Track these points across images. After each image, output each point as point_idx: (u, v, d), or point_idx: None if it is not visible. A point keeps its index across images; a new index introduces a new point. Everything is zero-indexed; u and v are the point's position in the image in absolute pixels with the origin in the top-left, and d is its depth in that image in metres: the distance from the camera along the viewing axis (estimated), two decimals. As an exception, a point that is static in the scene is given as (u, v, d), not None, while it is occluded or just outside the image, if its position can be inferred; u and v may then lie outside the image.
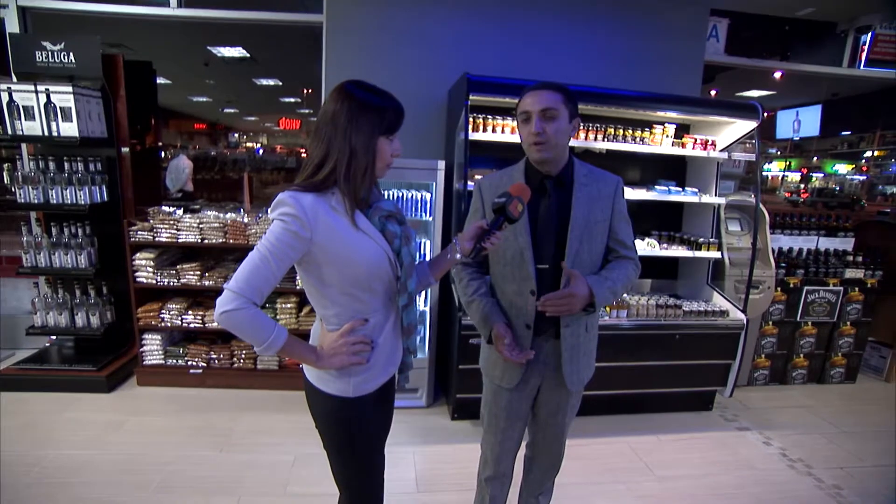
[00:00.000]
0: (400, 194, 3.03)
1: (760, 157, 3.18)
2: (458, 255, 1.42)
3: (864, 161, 13.10)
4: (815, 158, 14.52)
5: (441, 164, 2.97)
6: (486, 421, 1.79)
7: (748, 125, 3.12)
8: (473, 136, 2.87)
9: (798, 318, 3.80)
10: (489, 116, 2.93)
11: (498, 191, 1.47)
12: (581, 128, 3.01)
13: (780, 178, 14.51)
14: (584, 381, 1.69)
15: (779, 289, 3.69)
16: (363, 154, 1.20)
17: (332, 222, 1.20)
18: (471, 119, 2.87)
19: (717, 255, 3.24)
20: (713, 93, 7.61)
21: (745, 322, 3.13)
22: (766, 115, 3.15)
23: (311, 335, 1.44)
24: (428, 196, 3.05)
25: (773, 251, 3.71)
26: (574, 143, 2.99)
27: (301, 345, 1.28)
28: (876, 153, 12.67)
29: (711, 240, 3.25)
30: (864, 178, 13.17)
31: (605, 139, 3.04)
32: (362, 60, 3.40)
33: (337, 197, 1.22)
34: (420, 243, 3.12)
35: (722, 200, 3.29)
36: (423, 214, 3.06)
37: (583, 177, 1.59)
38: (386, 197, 1.40)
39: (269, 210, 1.24)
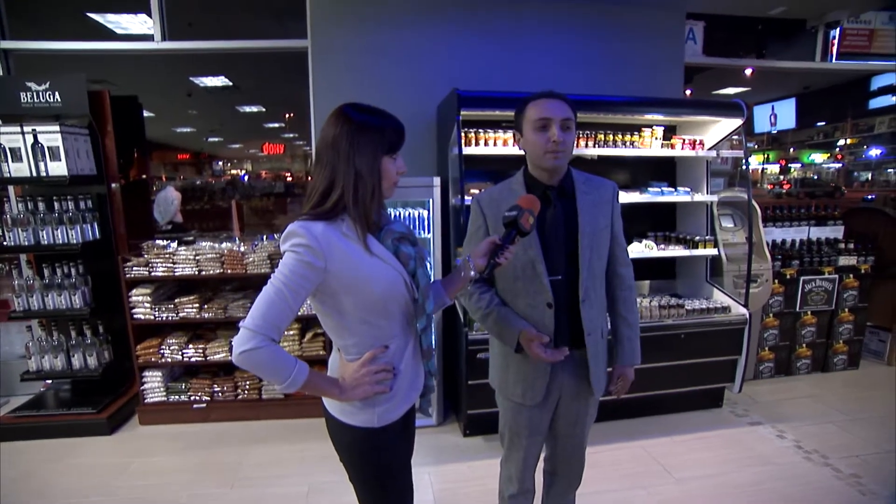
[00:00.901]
0: (396, 213, 3.01)
1: (748, 153, 3.22)
2: (473, 273, 1.40)
3: (838, 149, 13.40)
4: (791, 150, 14.82)
5: (437, 181, 2.96)
6: (507, 440, 1.76)
7: (733, 123, 3.16)
8: (466, 150, 2.86)
9: (797, 309, 3.82)
10: (480, 130, 2.93)
11: (500, 205, 1.46)
12: (573, 135, 3.03)
13: (759, 170, 14.76)
14: (605, 386, 1.68)
15: (776, 281, 3.72)
16: (368, 176, 1.18)
17: (345, 249, 1.17)
18: (462, 134, 2.86)
19: (714, 251, 3.26)
20: (688, 93, 7.75)
21: (747, 316, 3.14)
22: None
23: (328, 367, 1.40)
24: (425, 213, 3.03)
25: (768, 244, 3.74)
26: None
27: (323, 379, 1.24)
28: (849, 141, 12.97)
29: (707, 237, 3.27)
30: (840, 165, 13.45)
31: (596, 145, 3.06)
32: (349, 82, 3.41)
33: (347, 223, 1.19)
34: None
35: (714, 198, 3.32)
36: (422, 232, 3.04)
37: (582, 184, 1.59)
38: (392, 217, 1.37)
39: (279, 242, 1.20)
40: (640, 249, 3.17)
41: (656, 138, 3.16)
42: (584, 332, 1.56)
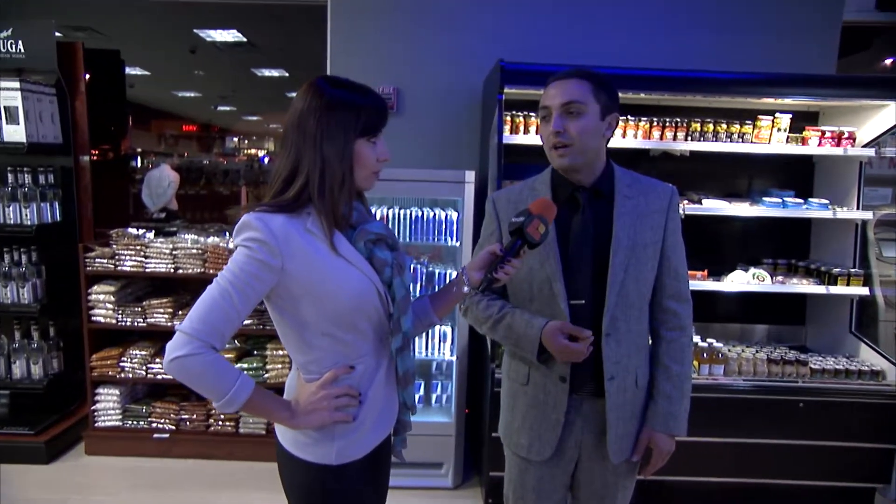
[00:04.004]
0: (419, 213, 3.15)
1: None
2: (466, 288, 1.48)
3: None
4: None
5: (470, 176, 3.07)
6: None
7: (907, 107, 3.04)
8: (511, 139, 2.94)
9: None
10: (531, 114, 3.01)
11: (518, 207, 1.53)
12: (655, 124, 3.06)
13: None
14: (631, 453, 1.70)
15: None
16: (337, 161, 1.30)
17: (306, 248, 1.28)
18: (508, 118, 2.95)
19: (864, 291, 3.13)
20: (889, 62, 7.22)
21: (910, 388, 2.98)
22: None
23: (285, 389, 1.50)
24: (455, 215, 3.15)
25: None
26: (647, 144, 3.04)
27: (271, 398, 1.35)
28: None
29: (854, 270, 3.15)
30: None
31: (689, 137, 3.05)
32: (375, 48, 3.60)
33: (313, 218, 1.31)
34: (444, 274, 3.20)
35: (868, 215, 3.18)
36: (449, 239, 3.15)
37: (626, 187, 1.64)
38: (398, 216, 1.46)
39: (232, 235, 1.34)
40: (746, 280, 3.11)
41: (779, 129, 3.10)
42: (605, 375, 1.60)
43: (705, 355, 2.96)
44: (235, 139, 17.28)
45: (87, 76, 3.66)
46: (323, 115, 1.29)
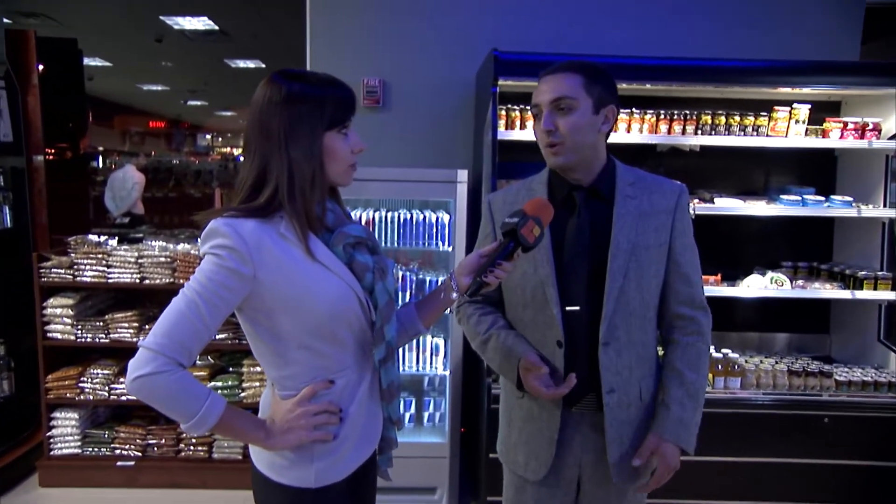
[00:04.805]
0: (408, 216, 3.15)
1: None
2: (455, 294, 1.49)
3: None
4: None
5: (463, 175, 3.07)
6: None
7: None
8: (507, 135, 2.95)
9: None
10: (528, 108, 2.99)
11: (514, 209, 1.55)
12: (663, 117, 3.08)
13: None
14: (640, 475, 1.69)
15: None
16: (305, 161, 1.30)
17: (280, 254, 1.29)
18: (503, 112, 2.96)
19: (893, 295, 3.13)
20: None
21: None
22: None
23: (260, 407, 1.51)
24: (446, 218, 3.15)
25: None
26: (654, 138, 3.06)
27: (244, 418, 1.35)
28: None
29: (881, 273, 3.16)
30: None
31: (699, 131, 3.06)
32: (360, 36, 3.61)
33: (286, 222, 1.31)
34: (435, 282, 3.20)
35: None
36: (440, 243, 3.15)
37: (628, 186, 1.65)
38: (385, 219, 1.46)
39: (199, 243, 1.33)
40: (763, 285, 3.12)
41: (797, 121, 3.12)
42: (603, 388, 1.60)
43: (721, 367, 2.97)
44: (208, 136, 17.25)
45: (41, 67, 3.65)
46: (284, 112, 1.29)
